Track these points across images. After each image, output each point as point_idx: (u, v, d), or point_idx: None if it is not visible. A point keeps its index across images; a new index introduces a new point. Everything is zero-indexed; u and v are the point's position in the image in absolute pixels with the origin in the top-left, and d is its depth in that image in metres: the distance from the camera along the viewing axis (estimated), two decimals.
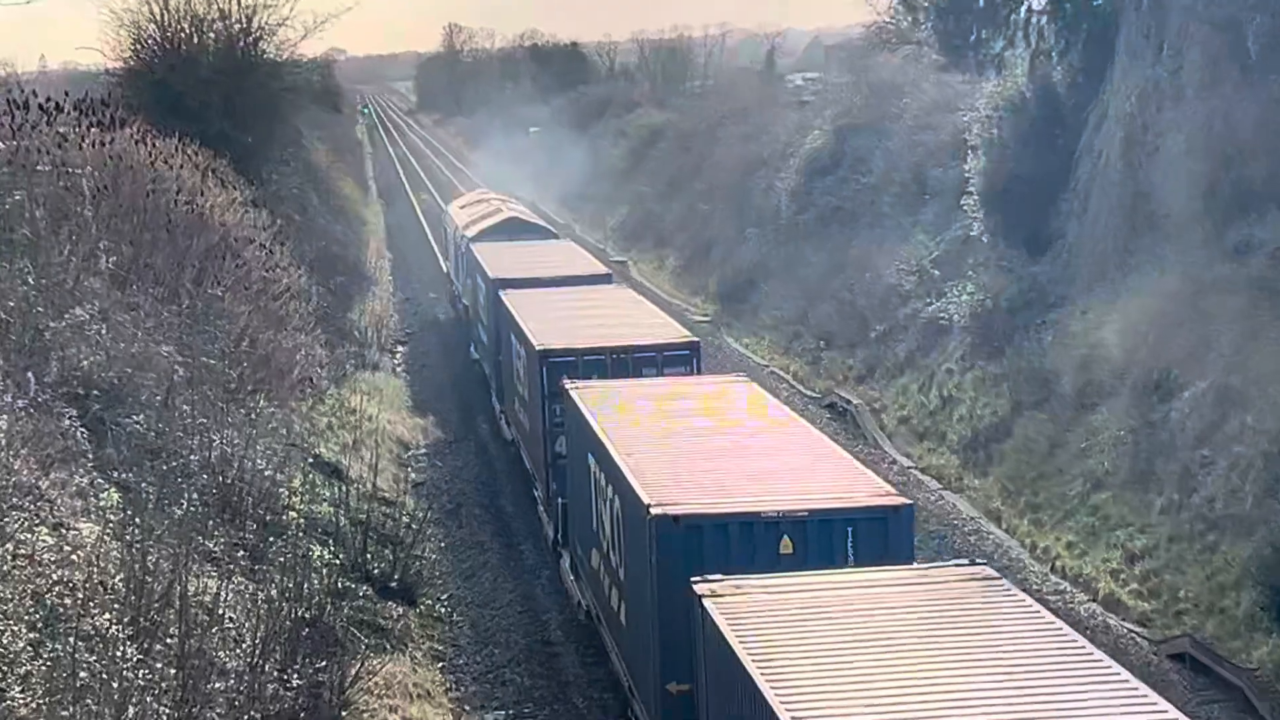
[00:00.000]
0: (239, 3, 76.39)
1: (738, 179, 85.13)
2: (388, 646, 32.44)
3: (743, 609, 20.83)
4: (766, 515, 24.63)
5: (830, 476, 26.73)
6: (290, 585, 28.69)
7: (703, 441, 29.54)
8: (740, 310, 73.74)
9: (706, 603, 21.20)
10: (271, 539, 32.03)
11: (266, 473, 34.00)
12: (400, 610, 34.91)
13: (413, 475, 47.99)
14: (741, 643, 19.63)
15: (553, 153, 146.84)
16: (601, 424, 30.90)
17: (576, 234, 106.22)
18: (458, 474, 50.03)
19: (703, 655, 21.83)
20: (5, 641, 20.58)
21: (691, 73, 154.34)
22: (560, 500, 37.46)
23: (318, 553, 33.60)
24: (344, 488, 39.37)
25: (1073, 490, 42.07)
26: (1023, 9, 53.40)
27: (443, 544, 42.33)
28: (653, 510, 24.84)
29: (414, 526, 38.70)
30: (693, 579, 22.11)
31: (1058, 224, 50.98)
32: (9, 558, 22.39)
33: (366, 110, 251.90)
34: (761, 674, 18.54)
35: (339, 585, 32.39)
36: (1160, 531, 37.90)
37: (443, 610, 37.31)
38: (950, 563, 24.02)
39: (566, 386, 34.93)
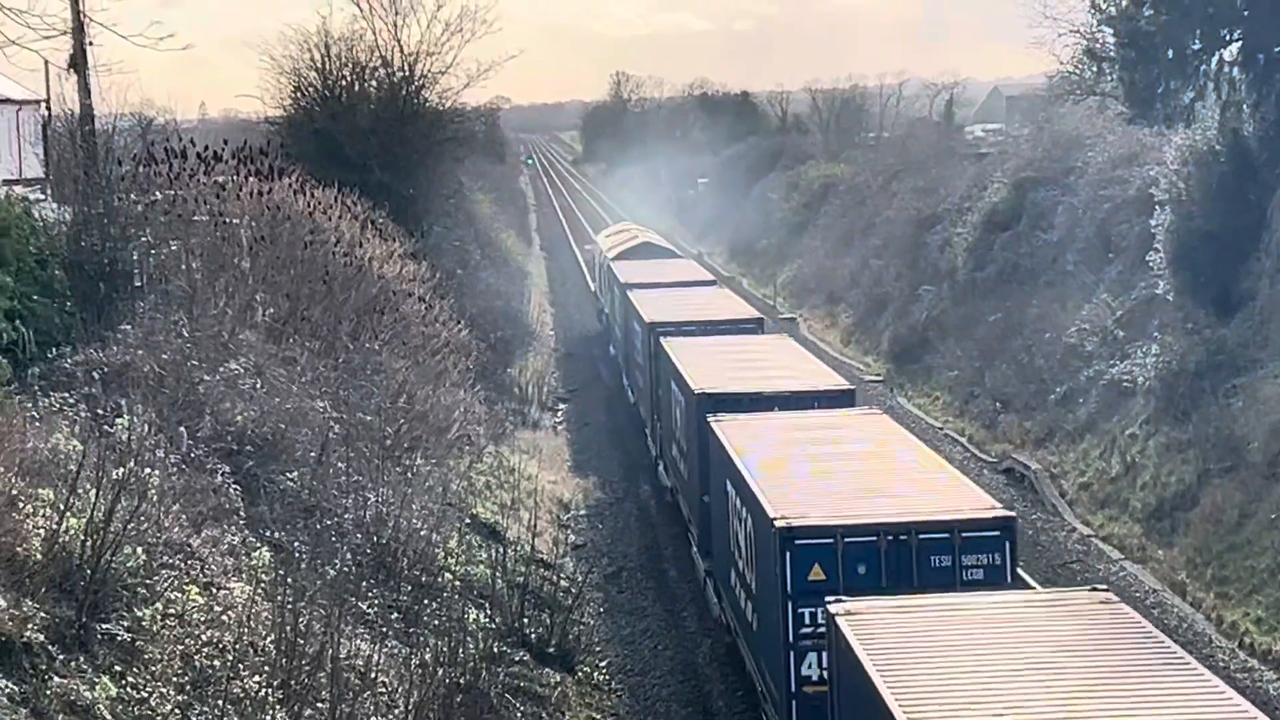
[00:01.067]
0: (402, 51, 76.56)
1: (913, 234, 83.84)
2: (544, 715, 32.08)
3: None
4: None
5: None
6: (445, 649, 28.59)
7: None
8: (913, 370, 72.52)
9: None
10: (426, 601, 31.82)
11: (422, 533, 33.83)
12: (557, 677, 34.33)
13: (572, 537, 47.33)
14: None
15: (721, 205, 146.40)
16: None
17: (744, 289, 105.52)
18: (618, 536, 49.21)
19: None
20: (154, 704, 20.83)
21: (866, 124, 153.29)
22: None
23: (473, 616, 33.20)
24: (501, 549, 38.95)
25: (1263, 563, 40.62)
26: (1214, 60, 51.69)
27: (602, 609, 41.57)
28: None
29: (573, 590, 37.91)
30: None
31: (1248, 284, 49.26)
32: (159, 617, 22.50)
33: (530, 160, 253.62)
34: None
35: (494, 650, 31.98)
36: None
37: (601, 678, 36.58)
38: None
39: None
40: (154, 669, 21.43)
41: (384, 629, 28.41)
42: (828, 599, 23.68)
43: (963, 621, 22.05)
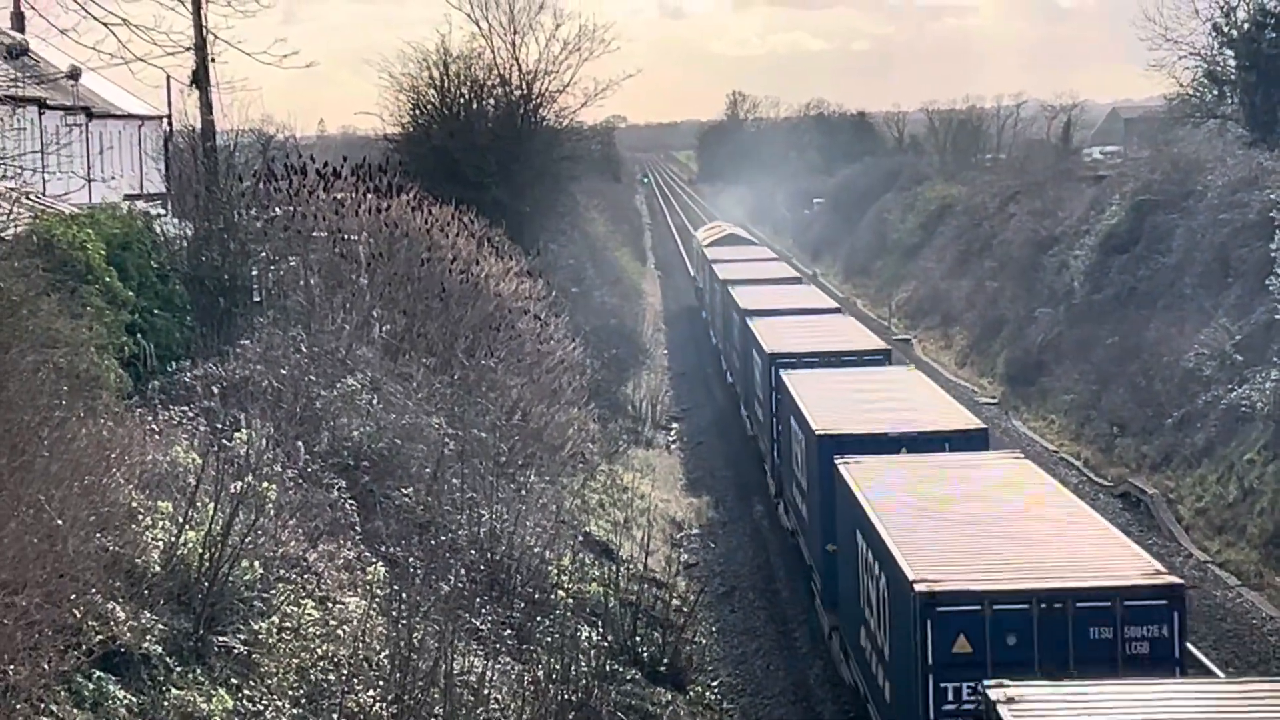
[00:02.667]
0: (520, 69, 76.86)
1: (1029, 256, 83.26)
2: None
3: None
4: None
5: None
6: (557, 667, 28.56)
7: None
8: (1029, 393, 71.97)
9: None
10: (539, 618, 31.75)
11: (535, 550, 33.81)
12: (669, 696, 34.01)
13: (685, 556, 47.14)
14: None
15: (837, 225, 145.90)
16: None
17: (859, 309, 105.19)
18: (731, 556, 49.08)
19: None
20: (269, 716, 21.00)
21: (983, 144, 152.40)
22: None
23: (586, 634, 33.05)
24: (614, 567, 38.83)
25: None
26: None
27: (714, 628, 41.37)
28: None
29: (685, 609, 37.75)
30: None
31: None
32: (274, 630, 22.70)
33: (646, 180, 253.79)
34: None
35: (607, 668, 31.81)
36: None
37: (713, 697, 36.39)
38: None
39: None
40: (269, 682, 21.60)
41: (497, 645, 28.42)
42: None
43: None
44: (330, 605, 24.72)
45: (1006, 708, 19.63)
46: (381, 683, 23.13)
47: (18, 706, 17.37)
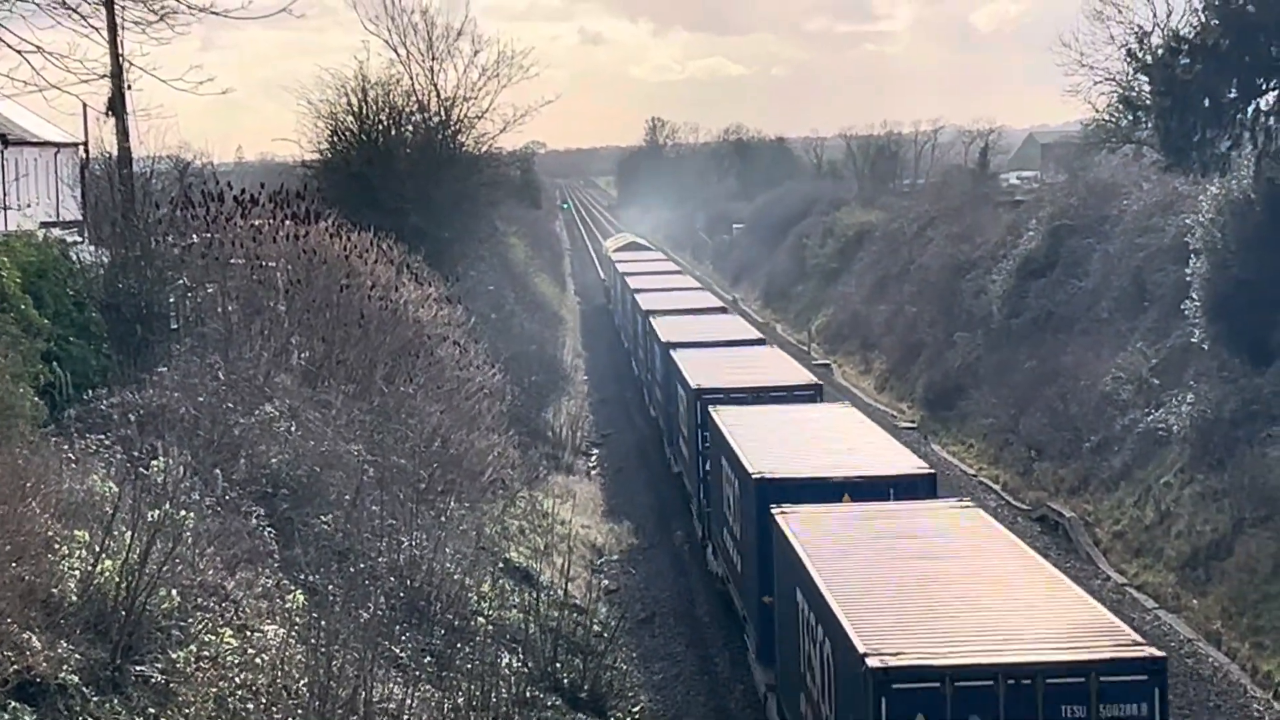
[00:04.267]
0: (438, 95, 76.81)
1: (947, 280, 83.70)
2: None
3: None
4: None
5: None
6: (477, 694, 28.59)
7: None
8: (948, 417, 72.30)
9: None
10: (459, 645, 31.64)
11: (455, 576, 33.79)
12: None
13: (605, 582, 47.11)
14: None
15: (756, 251, 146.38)
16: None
17: (779, 334, 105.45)
18: (651, 581, 49.04)
19: None
20: None
21: (901, 170, 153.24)
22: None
23: (506, 660, 32.96)
24: (535, 593, 38.68)
25: None
26: (1250, 109, 51.45)
27: (635, 654, 41.31)
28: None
29: (606, 635, 37.71)
30: None
31: None
32: (193, 659, 22.53)
33: (566, 205, 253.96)
34: None
35: (527, 695, 31.79)
36: None
37: None
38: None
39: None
40: (187, 711, 21.41)
41: (417, 673, 28.30)
42: None
43: None
44: (249, 634, 24.55)
45: None
46: (300, 711, 22.94)
47: None
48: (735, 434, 40.32)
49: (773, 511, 31.70)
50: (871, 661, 22.17)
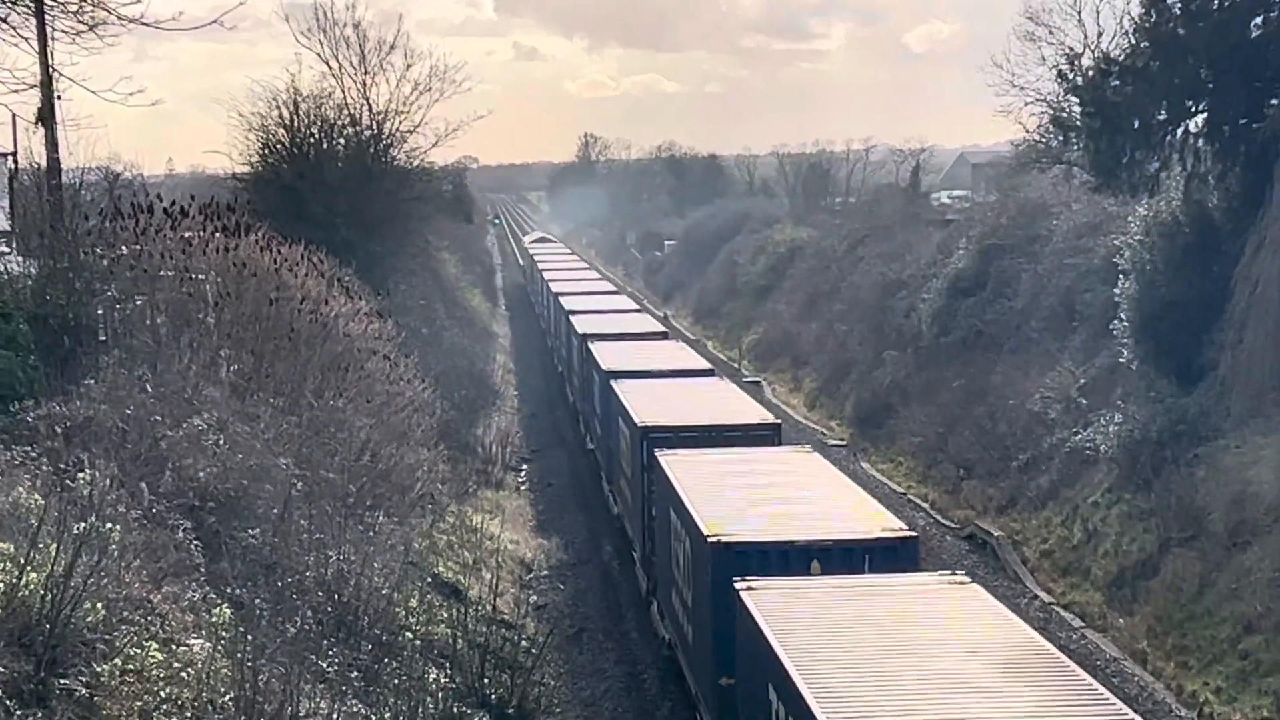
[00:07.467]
0: (370, 109, 76.72)
1: (878, 299, 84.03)
2: None
3: None
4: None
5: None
6: (405, 709, 28.57)
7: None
8: (877, 435, 72.51)
9: None
10: (386, 660, 31.41)
11: (383, 591, 33.55)
12: None
13: (534, 597, 47.07)
14: None
15: (688, 268, 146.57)
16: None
17: (710, 351, 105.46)
18: (580, 597, 48.98)
19: None
20: None
21: (832, 188, 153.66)
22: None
23: (433, 676, 32.87)
24: (462, 609, 38.61)
25: (1222, 633, 40.63)
26: (1179, 131, 51.89)
27: (563, 669, 41.28)
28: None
29: (534, 651, 37.67)
30: None
31: (1211, 354, 49.37)
32: (118, 673, 22.28)
33: (497, 221, 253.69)
34: None
35: (455, 710, 31.77)
36: None
37: None
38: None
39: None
40: None
41: (344, 688, 28.10)
42: None
43: None
44: (174, 647, 24.20)
45: None
46: None
47: None
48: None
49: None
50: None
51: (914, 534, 32.37)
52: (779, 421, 48.12)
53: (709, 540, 31.19)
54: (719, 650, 30.40)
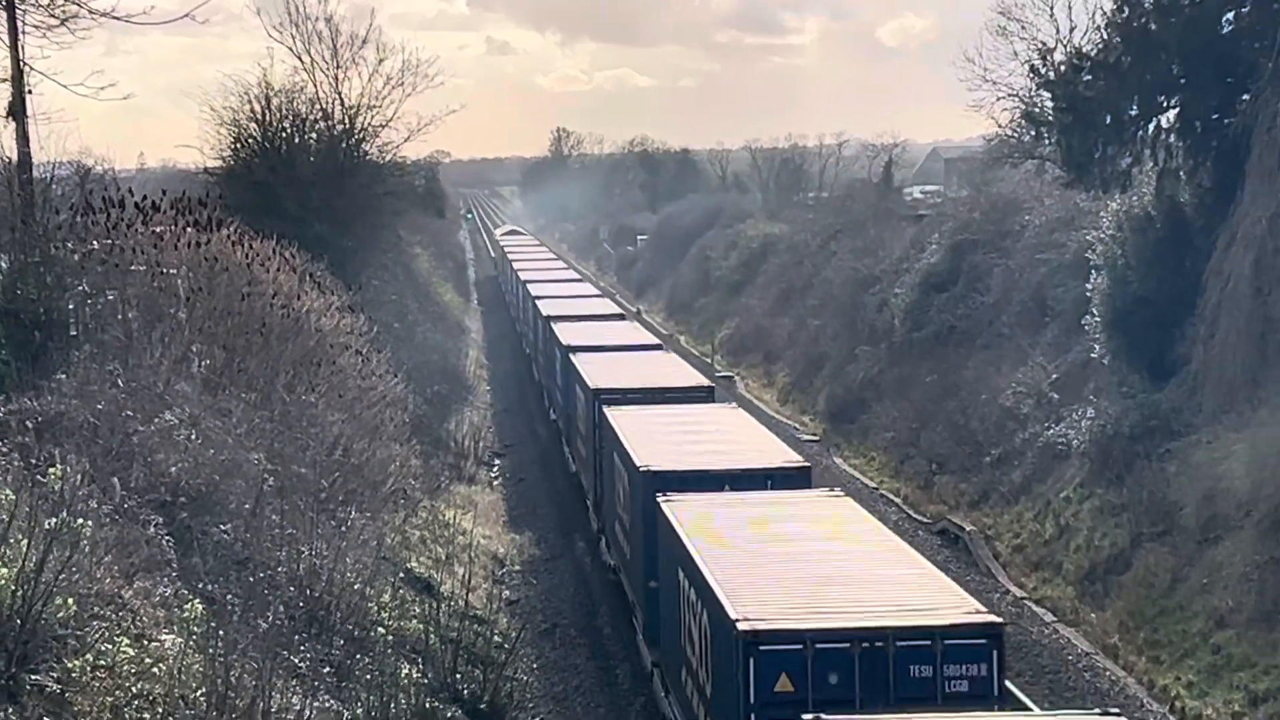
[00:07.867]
0: (343, 104, 76.58)
1: (850, 294, 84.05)
2: None
3: None
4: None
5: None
6: (376, 704, 28.47)
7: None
8: (850, 430, 72.53)
9: None
10: (358, 656, 31.31)
11: (355, 586, 33.41)
12: None
13: (507, 593, 47.03)
14: None
15: (660, 263, 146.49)
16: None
17: (682, 346, 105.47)
18: (553, 592, 48.99)
19: None
20: None
21: (805, 183, 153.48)
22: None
23: (406, 671, 32.76)
24: (435, 604, 38.56)
25: (1194, 627, 40.71)
26: (1151, 126, 52.00)
27: (536, 665, 41.25)
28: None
29: (506, 646, 37.62)
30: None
31: (1183, 349, 49.49)
32: (89, 668, 22.20)
33: (470, 215, 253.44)
34: None
35: (427, 706, 31.58)
36: None
37: None
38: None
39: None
40: None
41: (316, 683, 28.03)
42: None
43: None
44: (146, 643, 24.18)
45: None
46: None
47: None
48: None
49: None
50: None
51: (807, 464, 38.34)
52: (712, 384, 55.60)
53: (640, 470, 37.44)
54: (647, 560, 36.41)
